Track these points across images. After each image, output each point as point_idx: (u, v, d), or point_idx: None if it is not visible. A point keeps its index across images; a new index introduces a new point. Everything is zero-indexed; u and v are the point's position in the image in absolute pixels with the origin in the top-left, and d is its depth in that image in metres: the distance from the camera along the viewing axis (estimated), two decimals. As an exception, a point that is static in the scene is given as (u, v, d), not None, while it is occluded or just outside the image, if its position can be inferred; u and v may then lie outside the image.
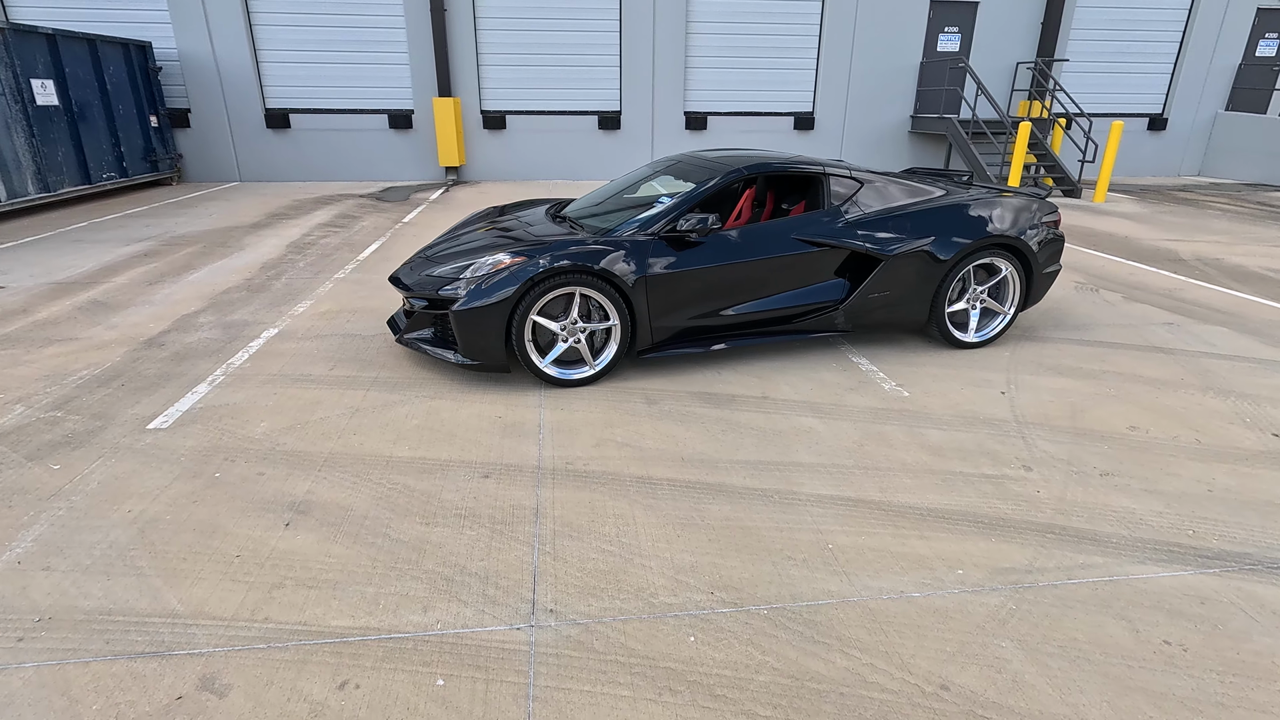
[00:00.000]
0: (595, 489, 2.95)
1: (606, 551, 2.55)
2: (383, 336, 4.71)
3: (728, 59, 12.94)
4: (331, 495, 2.88)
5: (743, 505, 2.84)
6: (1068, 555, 2.55)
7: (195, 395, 3.80)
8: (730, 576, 2.42)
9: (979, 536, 2.66)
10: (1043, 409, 3.74)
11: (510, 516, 2.76)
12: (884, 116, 13.58)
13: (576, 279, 3.74)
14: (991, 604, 2.30)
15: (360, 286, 5.91)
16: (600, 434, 3.42)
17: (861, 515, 2.78)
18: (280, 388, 3.91)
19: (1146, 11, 13.88)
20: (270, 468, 3.08)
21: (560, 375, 3.90)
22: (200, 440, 3.32)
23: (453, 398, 3.81)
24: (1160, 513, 2.82)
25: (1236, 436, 3.46)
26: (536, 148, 12.95)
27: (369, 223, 8.74)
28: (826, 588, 2.37)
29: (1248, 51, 14.43)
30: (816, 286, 4.28)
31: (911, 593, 2.35)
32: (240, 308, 5.32)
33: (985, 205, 4.44)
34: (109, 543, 2.56)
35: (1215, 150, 14.69)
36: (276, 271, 6.37)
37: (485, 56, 12.38)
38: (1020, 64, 13.58)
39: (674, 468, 3.12)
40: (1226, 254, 7.45)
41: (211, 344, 4.56)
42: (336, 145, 12.45)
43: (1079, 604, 2.30)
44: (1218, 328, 5.08)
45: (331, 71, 12.08)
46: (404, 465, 3.12)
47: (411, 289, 4.06)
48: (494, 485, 2.97)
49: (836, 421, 3.58)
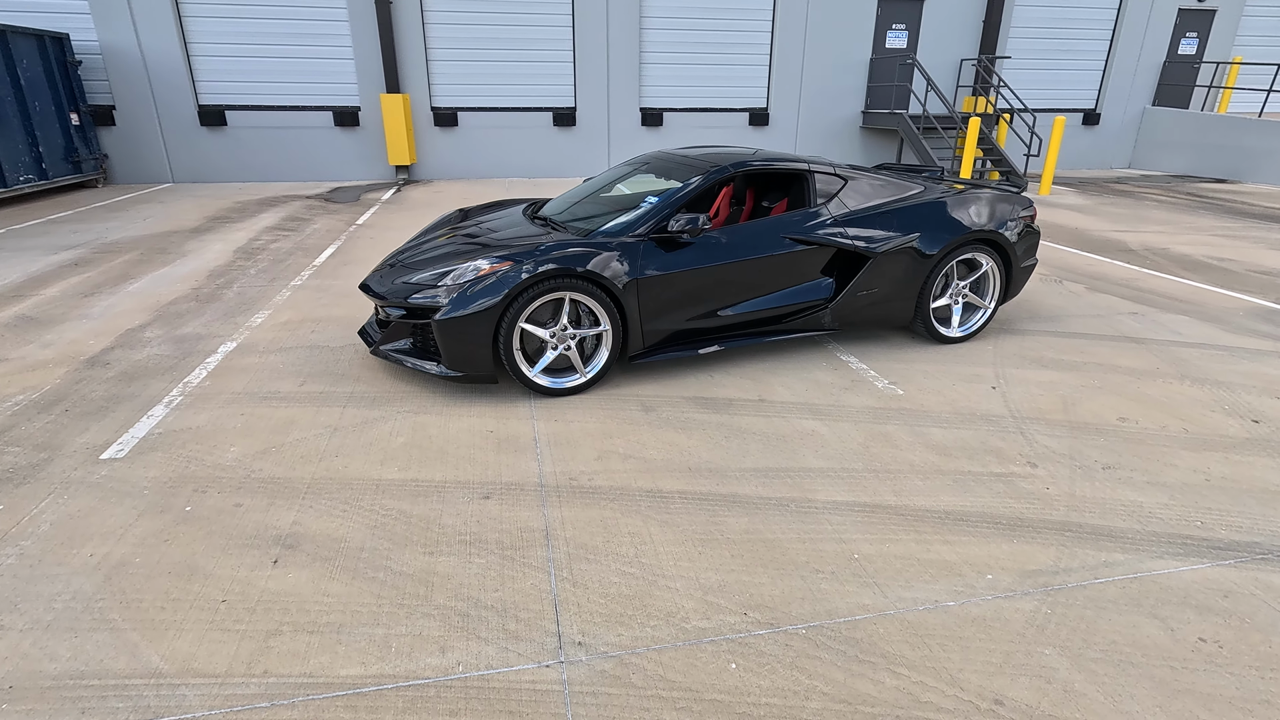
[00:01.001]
0: (605, 505, 2.81)
1: (627, 574, 2.42)
2: (353, 348, 4.44)
3: (682, 55, 12.86)
4: (321, 526, 2.65)
5: (760, 516, 2.75)
6: (1089, 553, 2.54)
7: (152, 419, 3.48)
8: (761, 594, 2.32)
9: (1000, 538, 2.63)
10: (1035, 403, 3.77)
11: (519, 540, 2.59)
12: (836, 112, 13.75)
13: (566, 283, 3.58)
14: (1026, 609, 2.27)
15: (321, 294, 5.59)
16: (601, 445, 3.28)
17: (881, 521, 2.72)
18: (247, 407, 3.62)
19: (1079, 11, 14.42)
20: (248, 498, 2.83)
21: (552, 385, 3.73)
22: (163, 470, 3.03)
23: (438, 412, 3.60)
24: (1166, 505, 2.86)
25: (1220, 424, 3.55)
26: (490, 145, 12.62)
27: (321, 225, 8.33)
28: (860, 601, 2.30)
29: (1171, 49, 15.17)
30: (806, 285, 4.22)
31: (946, 602, 2.30)
32: (191, 320, 4.95)
33: (967, 201, 4.47)
34: (72, 593, 2.29)
35: (1144, 144, 15.40)
36: (226, 279, 5.98)
37: (434, 51, 11.98)
38: (964, 60, 13.94)
39: (683, 479, 3.00)
40: (1171, 243, 7.78)
41: (163, 361, 4.21)
42: (278, 144, 11.85)
43: (1110, 604, 2.29)
44: (1180, 316, 5.26)
45: (270, 66, 11.48)
46: (396, 488, 2.91)
47: (386, 297, 3.82)
48: (497, 506, 2.80)
49: (838, 423, 3.53)
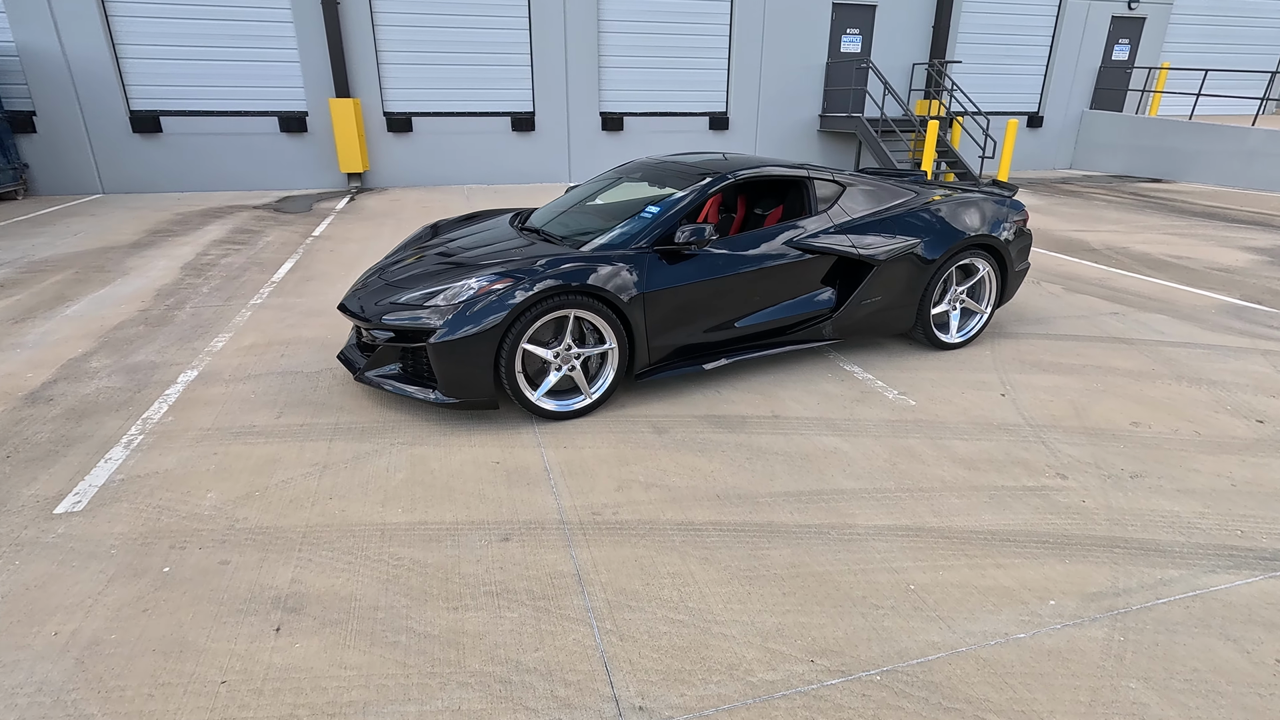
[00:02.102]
0: (637, 543, 2.60)
1: (676, 621, 2.22)
2: (331, 372, 4.11)
3: (642, 59, 12.72)
4: (325, 582, 2.37)
5: (803, 547, 2.59)
6: (1143, 571, 2.47)
7: (110, 463, 3.10)
8: (824, 638, 2.16)
9: (1051, 558, 2.54)
10: (1047, 409, 3.73)
11: (551, 588, 2.36)
12: (794, 115, 13.83)
13: (571, 300, 3.36)
14: (1099, 638, 2.16)
15: (285, 313, 5.20)
16: (618, 474, 3.07)
17: (928, 546, 2.60)
18: (220, 445, 3.27)
19: (1021, 17, 14.90)
20: (235, 553, 2.51)
21: (559, 408, 3.50)
22: (131, 524, 2.68)
23: (436, 443, 3.32)
24: (1203, 514, 2.82)
25: (1228, 426, 3.58)
26: (447, 151, 12.22)
27: (274, 237, 7.84)
28: (929, 639, 2.16)
29: (1105, 55, 15.83)
30: (810, 295, 4.10)
31: (1017, 634, 2.18)
32: (141, 346, 4.52)
33: (964, 205, 4.43)
34: (37, 684, 1.96)
35: (1084, 145, 16.02)
36: (176, 300, 5.51)
37: (386, 54, 11.52)
38: (916, 64, 14.22)
39: (713, 508, 2.82)
40: (1130, 242, 8.01)
41: (115, 395, 3.81)
42: (219, 151, 11.19)
43: (1179, 627, 2.21)
44: (1158, 315, 5.36)
45: (208, 69, 10.82)
46: (403, 533, 2.64)
47: (371, 320, 3.52)
48: (519, 549, 2.56)
49: (859, 439, 3.41)
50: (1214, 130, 13.22)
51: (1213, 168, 13.21)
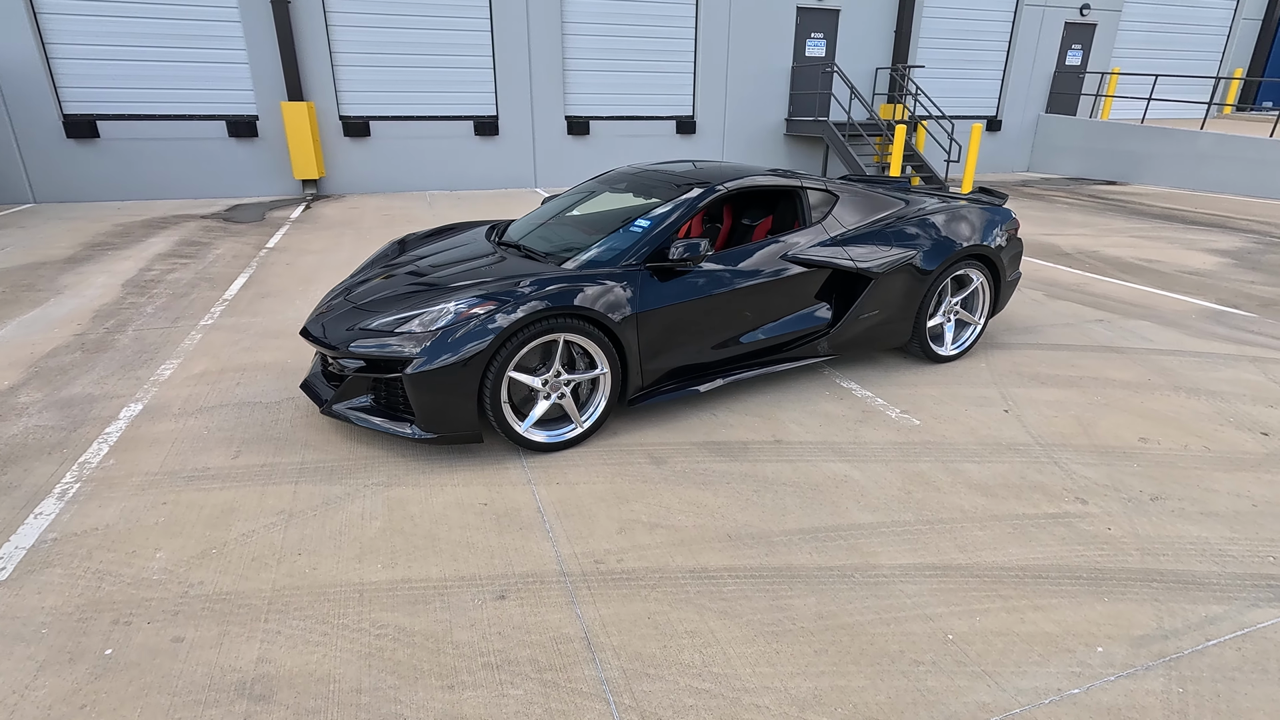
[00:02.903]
0: (647, 595, 2.36)
1: (701, 691, 1.99)
2: (293, 402, 3.77)
3: (607, 62, 12.49)
4: (297, 660, 2.07)
5: (828, 594, 2.38)
6: (1186, 608, 2.33)
7: (41, 519, 2.73)
8: (866, 705, 1.95)
9: (1089, 597, 2.38)
10: (1053, 426, 3.62)
11: (558, 656, 2.11)
12: (761, 119, 13.76)
13: (560, 323, 3.11)
14: (1156, 690, 2.01)
15: (239, 335, 4.81)
16: (618, 513, 2.82)
17: (958, 587, 2.42)
18: (170, 492, 2.92)
19: (978, 23, 15.12)
20: (190, 628, 2.19)
21: (549, 439, 3.24)
22: (66, 595, 2.33)
23: (415, 483, 3.03)
24: (1231, 539, 2.71)
25: (1234, 439, 3.51)
26: (407, 156, 11.78)
27: (224, 250, 7.36)
28: (979, 699, 1.97)
29: (1059, 60, 16.19)
30: (810, 310, 3.92)
31: (1070, 689, 2.00)
32: (78, 376, 4.09)
33: (958, 215, 4.31)
34: (-53, 814, 1.62)
35: (1040, 148, 16.35)
36: (117, 321, 5.07)
37: (340, 56, 11.04)
38: (879, 69, 14.30)
39: (725, 551, 2.60)
40: (1099, 246, 8.09)
41: (47, 435, 3.40)
42: (162, 157, 10.55)
43: (1236, 673, 2.07)
44: (1142, 321, 5.34)
45: (149, 71, 10.20)
46: (384, 595, 2.35)
47: (338, 347, 3.21)
48: (517, 609, 2.30)
49: (867, 464, 3.23)
50: (1165, 134, 13.59)
51: (1165, 170, 13.58)
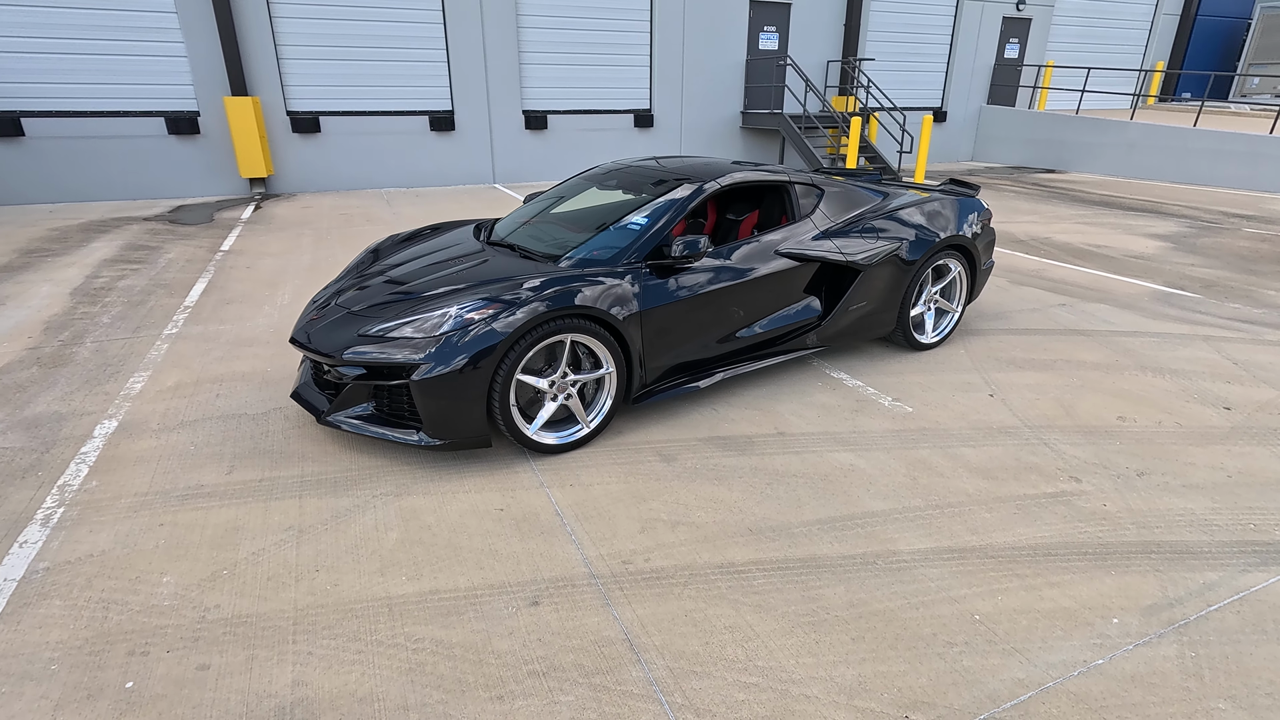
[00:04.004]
0: (680, 594, 2.38)
1: (751, 685, 2.01)
2: (280, 412, 3.63)
3: (564, 56, 12.36)
4: (335, 681, 2.01)
5: (855, 583, 2.44)
6: (1186, 576, 2.48)
7: (27, 548, 2.57)
8: (909, 687, 2.01)
9: (1097, 571, 2.50)
10: (1037, 409, 3.77)
11: (603, 660, 2.10)
12: (717, 112, 13.86)
13: (567, 324, 3.08)
14: (1172, 655, 2.13)
15: (209, 344, 4.60)
16: (637, 512, 2.82)
17: (977, 569, 2.51)
18: (165, 513, 2.78)
19: (923, 17, 15.56)
20: (214, 654, 2.10)
21: (558, 441, 3.21)
22: (71, 628, 2.20)
23: (425, 491, 2.96)
24: (1215, 509, 2.89)
25: (1202, 415, 3.73)
26: (360, 153, 11.43)
27: (176, 254, 7.01)
28: (1014, 675, 2.05)
29: (998, 53, 16.80)
30: (801, 303, 3.99)
31: (1095, 660, 2.11)
32: (39, 394, 3.85)
33: (936, 206, 4.44)
34: None
35: (983, 139, 16.96)
36: (72, 333, 4.78)
37: (286, 49, 10.61)
38: (830, 62, 14.56)
39: (749, 545, 2.63)
40: (1049, 233, 8.45)
41: (16, 457, 3.20)
42: (95, 156, 9.97)
43: (1241, 635, 2.21)
44: (1101, 305, 5.62)
45: (78, 64, 9.60)
46: (415, 608, 2.30)
47: (333, 355, 3.10)
48: (553, 614, 2.28)
49: (870, 453, 3.31)
50: (1098, 124, 14.27)
51: (1099, 158, 14.26)
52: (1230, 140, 12.30)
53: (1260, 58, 19.88)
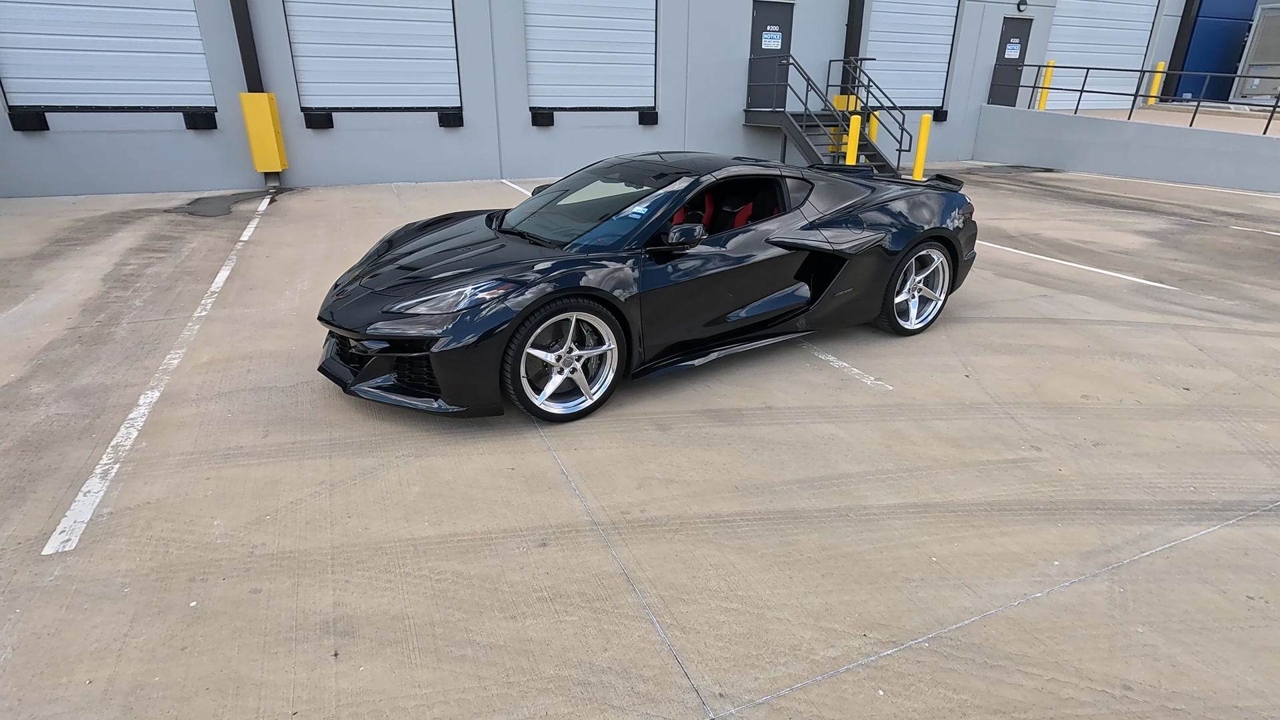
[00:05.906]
0: (672, 538, 2.68)
1: (731, 610, 2.32)
2: (308, 385, 3.94)
3: (570, 54, 12.66)
4: (370, 603, 2.32)
5: (828, 531, 2.74)
6: (1124, 529, 2.77)
7: (91, 496, 2.88)
8: (869, 613, 2.31)
9: (1045, 524, 2.80)
10: (1008, 388, 4.06)
11: (602, 589, 2.41)
12: (721, 110, 14.14)
13: (573, 303, 3.38)
14: (1102, 590, 2.42)
15: (237, 325, 4.92)
16: (635, 472, 3.13)
17: (938, 521, 2.81)
18: (210, 469, 3.10)
19: (924, 17, 15.80)
20: (264, 580, 2.41)
21: (564, 411, 3.52)
22: (137, 560, 2.51)
23: (443, 453, 3.27)
24: (1159, 474, 3.17)
25: (1161, 395, 4.01)
26: (371, 148, 11.75)
27: (198, 243, 7.34)
28: (961, 604, 2.35)
29: (999, 54, 17.02)
30: (789, 290, 4.28)
31: (1034, 594, 2.40)
32: (85, 368, 4.17)
33: (920, 200, 4.72)
34: (85, 737, 1.83)
35: (983, 138, 17.19)
36: (108, 315, 5.10)
37: (301, 47, 10.94)
38: (832, 61, 14.82)
39: (735, 499, 2.93)
40: (1039, 229, 8.71)
41: (71, 422, 3.51)
42: (116, 150, 10.32)
43: (1165, 575, 2.50)
44: (1080, 296, 5.89)
45: (100, 61, 9.94)
46: (437, 547, 2.61)
47: (358, 330, 3.41)
48: (559, 553, 2.58)
49: (850, 424, 3.60)
50: (1096, 124, 14.49)
51: (1096, 158, 14.50)
52: (1225, 140, 12.52)
53: (1261, 59, 20.04)
